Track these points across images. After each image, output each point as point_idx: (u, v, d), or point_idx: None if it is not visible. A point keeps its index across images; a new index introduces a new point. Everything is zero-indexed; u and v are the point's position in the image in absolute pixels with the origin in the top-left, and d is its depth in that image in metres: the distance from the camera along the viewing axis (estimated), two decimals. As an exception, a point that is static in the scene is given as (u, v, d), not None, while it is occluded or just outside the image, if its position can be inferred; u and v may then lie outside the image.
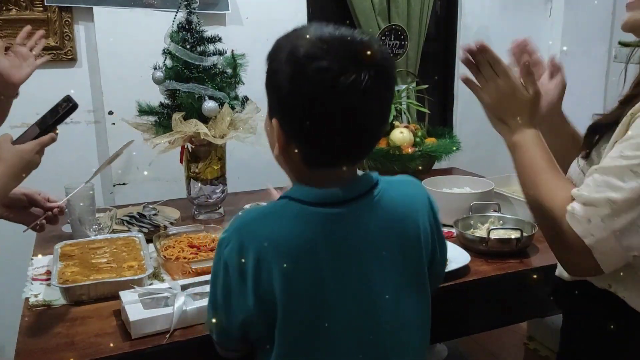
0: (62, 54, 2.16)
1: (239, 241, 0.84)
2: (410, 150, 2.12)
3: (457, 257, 1.41)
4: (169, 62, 1.74)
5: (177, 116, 1.69)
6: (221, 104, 1.72)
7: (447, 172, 2.26)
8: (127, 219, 1.68)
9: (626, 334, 0.98)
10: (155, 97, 1.79)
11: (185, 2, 1.72)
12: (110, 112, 2.23)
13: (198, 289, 1.20)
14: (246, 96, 1.82)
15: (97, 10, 2.16)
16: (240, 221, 0.86)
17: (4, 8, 2.08)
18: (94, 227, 1.51)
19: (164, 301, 1.18)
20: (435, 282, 1.03)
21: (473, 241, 1.51)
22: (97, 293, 1.26)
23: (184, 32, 1.72)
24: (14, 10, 2.09)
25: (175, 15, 1.74)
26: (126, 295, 1.18)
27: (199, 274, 1.33)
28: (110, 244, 1.46)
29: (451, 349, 2.42)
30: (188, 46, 1.71)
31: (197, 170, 1.81)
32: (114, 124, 2.21)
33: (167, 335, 1.11)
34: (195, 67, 1.71)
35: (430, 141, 2.23)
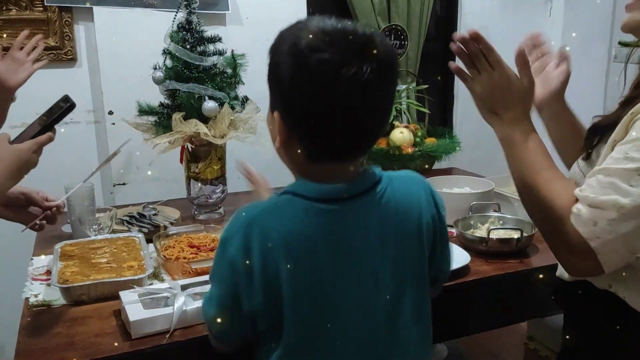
0: (62, 54, 2.16)
1: (245, 238, 0.83)
2: (410, 150, 2.12)
3: (457, 257, 1.41)
4: (169, 62, 1.74)
5: (177, 116, 1.69)
6: (221, 104, 1.72)
7: (447, 172, 2.26)
8: (127, 219, 1.68)
9: (627, 334, 0.98)
10: (155, 97, 1.79)
11: (185, 2, 1.72)
12: (110, 112, 2.23)
13: (198, 289, 1.20)
14: (246, 96, 1.82)
15: (97, 10, 2.16)
16: (246, 218, 0.85)
17: (4, 8, 2.08)
18: (94, 227, 1.51)
19: (164, 301, 1.18)
20: (436, 281, 1.01)
21: (473, 241, 1.51)
22: (97, 293, 1.26)
23: (184, 32, 1.72)
24: (14, 10, 2.09)
25: (175, 15, 1.74)
26: (126, 295, 1.18)
27: (199, 274, 1.33)
28: (110, 244, 1.46)
29: (451, 349, 2.42)
30: (188, 46, 1.71)
31: (197, 170, 1.81)
32: (114, 124, 2.21)
33: (167, 335, 1.11)
34: (195, 67, 1.71)
35: (430, 141, 2.23)
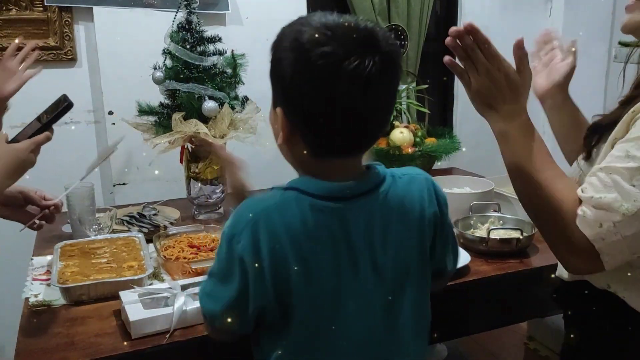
0: (62, 54, 2.16)
1: (253, 236, 0.82)
2: (410, 150, 2.12)
3: (457, 257, 1.42)
4: (169, 62, 1.74)
5: (177, 116, 1.69)
6: (221, 104, 1.72)
7: (447, 172, 2.27)
8: (127, 219, 1.68)
9: (626, 334, 0.98)
10: (155, 97, 1.79)
11: (185, 2, 1.72)
12: (110, 112, 2.23)
13: (198, 289, 1.20)
14: (246, 96, 1.82)
15: (97, 10, 2.16)
16: (252, 215, 0.83)
17: (4, 8, 2.08)
18: (94, 227, 1.51)
19: (164, 301, 1.18)
20: (438, 276, 1.00)
21: (473, 241, 1.51)
22: (97, 293, 1.26)
23: (184, 32, 1.72)
24: (14, 10, 2.09)
25: (175, 15, 1.74)
26: (126, 295, 1.18)
27: (199, 274, 1.33)
28: (110, 244, 1.46)
29: (451, 349, 2.42)
30: (188, 46, 1.71)
31: (197, 170, 1.81)
32: (114, 124, 2.21)
33: (167, 335, 1.11)
34: (195, 67, 1.71)
35: (430, 141, 2.23)
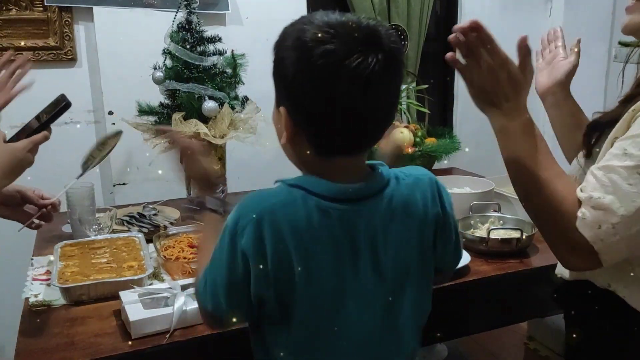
0: (62, 54, 2.16)
1: (257, 232, 0.81)
2: (410, 150, 2.12)
3: (457, 257, 1.42)
4: (169, 62, 1.74)
5: (177, 116, 1.69)
6: (221, 104, 1.72)
7: (447, 172, 2.26)
8: (127, 219, 1.68)
9: (627, 333, 0.98)
10: (155, 97, 1.79)
11: (185, 2, 1.72)
12: (110, 112, 2.23)
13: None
14: (246, 96, 1.82)
15: (97, 10, 2.16)
16: (257, 211, 0.82)
17: (4, 8, 2.08)
18: (94, 227, 1.51)
19: (164, 301, 1.18)
20: (439, 272, 0.99)
21: (473, 241, 1.51)
22: (97, 293, 1.26)
23: (184, 32, 1.72)
24: (14, 10, 2.09)
25: (175, 15, 1.74)
26: (126, 295, 1.18)
27: (199, 274, 1.33)
28: (110, 244, 1.46)
29: (451, 349, 2.42)
30: (188, 46, 1.71)
31: (197, 170, 1.81)
32: (114, 124, 2.21)
33: (167, 335, 1.11)
34: (195, 67, 1.71)
35: (430, 141, 2.23)
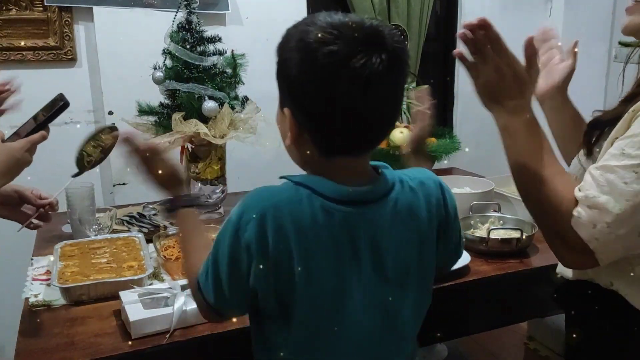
0: (62, 54, 2.16)
1: (260, 228, 0.81)
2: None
3: (457, 257, 1.41)
4: (169, 62, 1.74)
5: (177, 116, 1.69)
6: (221, 104, 1.72)
7: (447, 172, 2.27)
8: (127, 219, 1.68)
9: (628, 333, 0.98)
10: (155, 97, 1.79)
11: (185, 2, 1.72)
12: (110, 112, 2.23)
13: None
14: (246, 96, 1.82)
15: (97, 10, 2.16)
16: (261, 208, 0.82)
17: (4, 8, 2.08)
18: (94, 227, 1.51)
19: (164, 301, 1.18)
20: (438, 269, 0.99)
21: (473, 241, 1.51)
22: (97, 293, 1.26)
23: (184, 32, 1.72)
24: (14, 10, 2.09)
25: (175, 15, 1.74)
26: (126, 295, 1.18)
27: (199, 274, 1.33)
28: (110, 244, 1.46)
29: (451, 349, 2.42)
30: (188, 46, 1.71)
31: (197, 170, 1.81)
32: (113, 124, 2.21)
33: (167, 335, 1.11)
34: (195, 67, 1.71)
35: (430, 141, 2.23)
